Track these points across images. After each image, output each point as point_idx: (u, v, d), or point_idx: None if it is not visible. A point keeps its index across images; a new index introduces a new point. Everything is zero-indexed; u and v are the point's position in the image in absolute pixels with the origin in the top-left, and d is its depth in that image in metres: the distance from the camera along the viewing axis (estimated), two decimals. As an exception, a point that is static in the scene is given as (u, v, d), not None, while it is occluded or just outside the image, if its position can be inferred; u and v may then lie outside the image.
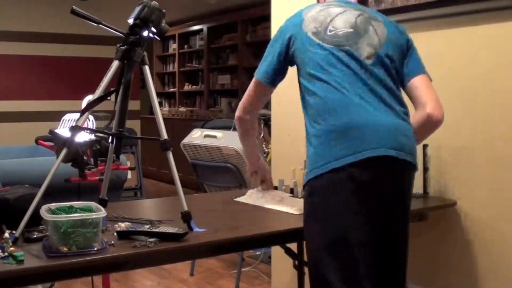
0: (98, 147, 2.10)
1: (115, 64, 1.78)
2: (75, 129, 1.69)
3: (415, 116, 1.85)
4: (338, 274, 1.68)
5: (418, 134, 1.83)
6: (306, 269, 2.58)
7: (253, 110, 2.08)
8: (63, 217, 1.50)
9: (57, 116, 5.25)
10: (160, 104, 9.25)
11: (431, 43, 2.36)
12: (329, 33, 1.83)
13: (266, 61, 1.96)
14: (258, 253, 4.21)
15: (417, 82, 1.88)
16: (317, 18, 1.87)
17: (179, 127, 6.95)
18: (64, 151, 1.67)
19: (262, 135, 4.52)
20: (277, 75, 1.96)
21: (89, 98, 2.60)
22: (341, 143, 1.69)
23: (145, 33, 1.80)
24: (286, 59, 1.92)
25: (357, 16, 1.87)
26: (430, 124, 1.86)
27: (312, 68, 1.80)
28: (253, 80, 2.00)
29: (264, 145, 4.21)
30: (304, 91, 1.84)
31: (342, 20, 1.85)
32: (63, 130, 4.04)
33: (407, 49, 1.91)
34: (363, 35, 1.83)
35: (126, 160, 4.95)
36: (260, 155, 2.30)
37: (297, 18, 1.91)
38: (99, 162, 2.23)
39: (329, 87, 1.75)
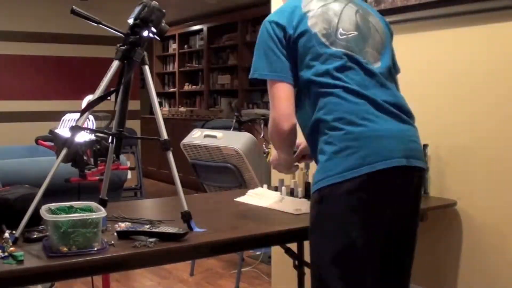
0: (98, 147, 2.10)
1: (115, 64, 1.78)
2: (75, 129, 1.69)
3: None
4: (343, 284, 1.67)
5: None
6: (306, 269, 2.59)
7: (291, 112, 1.80)
8: (63, 217, 1.50)
9: (57, 116, 5.25)
10: (160, 104, 9.25)
11: (431, 43, 2.36)
12: (340, 37, 1.76)
13: (271, 59, 1.78)
14: (258, 253, 4.21)
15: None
16: (323, 16, 1.78)
17: (179, 127, 6.95)
18: (64, 151, 1.67)
19: (262, 135, 4.52)
20: (291, 71, 1.79)
21: (89, 98, 2.60)
22: (356, 152, 1.65)
23: (145, 33, 1.80)
24: (290, 54, 1.78)
25: (356, 12, 1.84)
26: None
27: (324, 73, 1.72)
28: (273, 86, 1.79)
29: (264, 145, 4.21)
30: (312, 94, 1.74)
31: (347, 20, 1.81)
32: (63, 130, 4.04)
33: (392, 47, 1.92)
34: (368, 37, 1.81)
35: (126, 160, 4.94)
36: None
37: (296, 12, 1.79)
38: (99, 162, 2.23)
39: (342, 93, 1.70)
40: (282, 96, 1.78)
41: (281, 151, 1.97)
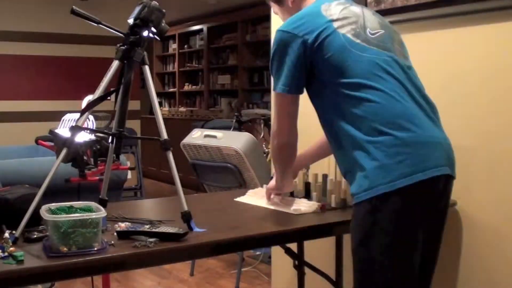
0: (98, 147, 2.10)
1: (115, 64, 1.78)
2: (75, 129, 1.69)
3: None
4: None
5: None
6: (306, 269, 2.59)
7: (291, 128, 1.84)
8: (63, 217, 1.50)
9: (57, 116, 5.25)
10: (160, 104, 9.26)
11: (431, 43, 2.36)
12: (371, 35, 1.73)
13: (284, 72, 1.75)
14: (258, 253, 4.21)
15: None
16: (346, 18, 1.74)
17: (179, 127, 6.96)
18: (64, 151, 1.67)
19: (262, 135, 4.52)
20: (301, 82, 1.77)
21: (89, 98, 2.60)
22: (408, 158, 1.63)
23: (145, 33, 1.80)
24: (308, 64, 1.74)
25: (373, 13, 1.84)
26: None
27: (360, 74, 1.68)
28: (277, 97, 1.80)
29: (264, 145, 4.21)
30: (345, 96, 1.69)
31: (371, 19, 1.79)
32: (63, 130, 4.04)
33: None
34: (393, 35, 1.81)
35: (126, 160, 4.94)
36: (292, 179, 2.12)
37: (317, 20, 1.73)
38: (99, 162, 2.23)
39: (386, 95, 1.66)
40: (287, 109, 1.81)
41: (280, 165, 1.97)
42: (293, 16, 1.80)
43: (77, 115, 1.78)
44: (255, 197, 2.27)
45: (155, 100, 1.83)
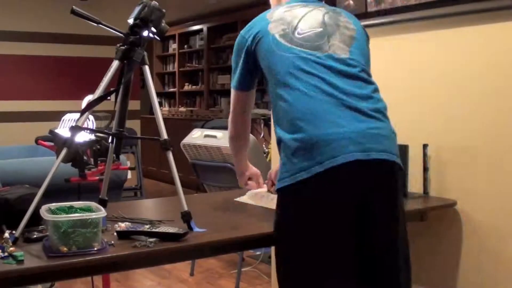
0: (98, 147, 2.10)
1: (115, 64, 1.78)
2: (75, 129, 1.69)
3: None
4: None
5: None
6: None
7: (240, 119, 2.07)
8: (63, 217, 1.50)
9: (57, 116, 5.26)
10: (160, 104, 9.25)
11: (431, 43, 2.36)
12: (298, 35, 1.77)
13: (235, 71, 1.96)
14: (258, 253, 4.21)
15: None
16: (284, 19, 1.81)
17: (179, 127, 6.96)
18: (64, 151, 1.67)
19: (262, 135, 4.52)
20: (250, 79, 1.95)
21: (89, 98, 2.60)
22: (306, 155, 1.61)
23: (145, 33, 1.80)
24: (253, 64, 1.88)
25: (324, 14, 1.83)
26: None
27: (281, 73, 1.72)
28: (232, 92, 2.01)
29: (264, 145, 4.21)
30: (274, 95, 1.76)
31: (310, 19, 1.81)
32: (63, 130, 4.05)
33: (367, 48, 1.89)
34: (334, 31, 1.79)
35: (126, 160, 4.95)
36: (248, 163, 2.28)
37: (260, 22, 1.87)
38: (99, 162, 2.22)
39: (298, 93, 1.67)
40: (234, 104, 2.03)
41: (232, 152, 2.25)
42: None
43: (77, 115, 1.78)
44: (255, 197, 2.27)
45: (155, 100, 1.83)
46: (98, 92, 1.74)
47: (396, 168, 1.68)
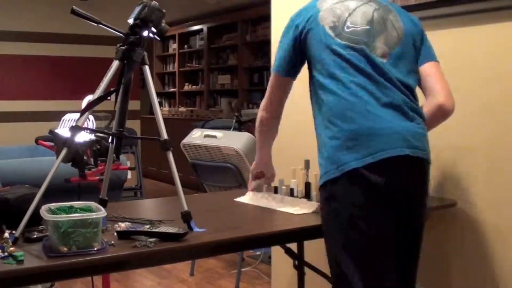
0: (98, 147, 2.10)
1: (115, 64, 1.78)
2: (75, 129, 1.69)
3: (427, 105, 1.88)
4: (358, 273, 1.70)
5: (429, 123, 1.85)
6: (306, 269, 2.59)
7: (275, 107, 2.03)
8: (63, 217, 1.50)
9: (57, 116, 5.26)
10: (160, 104, 9.25)
11: (431, 43, 2.36)
12: (347, 29, 1.80)
13: (279, 54, 1.94)
14: (258, 253, 4.21)
15: (428, 70, 1.91)
16: (334, 11, 1.83)
17: (179, 127, 6.96)
18: (64, 151, 1.67)
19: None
20: (292, 66, 1.93)
21: (89, 98, 2.60)
22: (356, 148, 1.68)
23: (145, 33, 1.80)
24: (299, 50, 1.88)
25: (374, 10, 1.84)
26: (442, 114, 1.90)
27: (329, 65, 1.77)
28: (273, 76, 1.99)
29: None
30: (318, 87, 1.81)
31: (360, 15, 1.82)
32: (63, 130, 4.05)
33: (421, 40, 1.93)
34: (381, 31, 1.81)
35: (126, 160, 4.94)
36: (271, 158, 2.25)
37: (311, 10, 1.87)
38: (99, 162, 2.22)
39: (345, 88, 1.74)
40: (269, 86, 2.00)
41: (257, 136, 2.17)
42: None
43: (77, 115, 1.78)
44: (255, 197, 2.27)
45: (155, 100, 1.83)
46: (98, 92, 1.74)
47: (428, 165, 1.82)
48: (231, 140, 3.42)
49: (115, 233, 1.66)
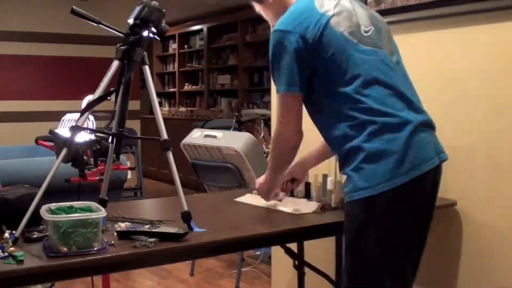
0: (98, 147, 2.10)
1: (115, 64, 1.78)
2: (75, 129, 1.69)
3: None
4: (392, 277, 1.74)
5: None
6: (306, 269, 2.59)
7: (301, 126, 1.81)
8: (63, 217, 1.50)
9: (57, 116, 5.25)
10: (160, 104, 9.26)
11: (431, 43, 2.36)
12: (365, 34, 1.74)
13: (285, 72, 1.71)
14: (258, 253, 4.21)
15: None
16: (342, 15, 1.73)
17: (179, 127, 6.96)
18: (64, 151, 1.67)
19: (262, 135, 4.52)
20: (305, 79, 1.74)
21: (89, 98, 2.60)
22: (403, 157, 1.66)
23: (145, 33, 1.80)
24: (308, 61, 1.71)
25: (361, 7, 1.83)
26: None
27: (361, 75, 1.68)
28: (283, 98, 1.76)
29: (264, 145, 4.21)
30: (343, 102, 1.69)
31: (362, 16, 1.78)
32: (63, 130, 4.04)
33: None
34: (381, 30, 1.81)
35: (126, 160, 4.94)
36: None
37: (313, 14, 1.70)
38: (99, 162, 2.22)
39: (378, 96, 1.69)
40: (291, 108, 1.76)
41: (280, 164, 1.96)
42: (288, 15, 1.75)
43: (77, 115, 1.78)
44: (255, 197, 2.27)
45: (155, 100, 1.83)
46: (98, 92, 1.74)
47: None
48: (231, 140, 3.42)
49: (115, 233, 1.66)
